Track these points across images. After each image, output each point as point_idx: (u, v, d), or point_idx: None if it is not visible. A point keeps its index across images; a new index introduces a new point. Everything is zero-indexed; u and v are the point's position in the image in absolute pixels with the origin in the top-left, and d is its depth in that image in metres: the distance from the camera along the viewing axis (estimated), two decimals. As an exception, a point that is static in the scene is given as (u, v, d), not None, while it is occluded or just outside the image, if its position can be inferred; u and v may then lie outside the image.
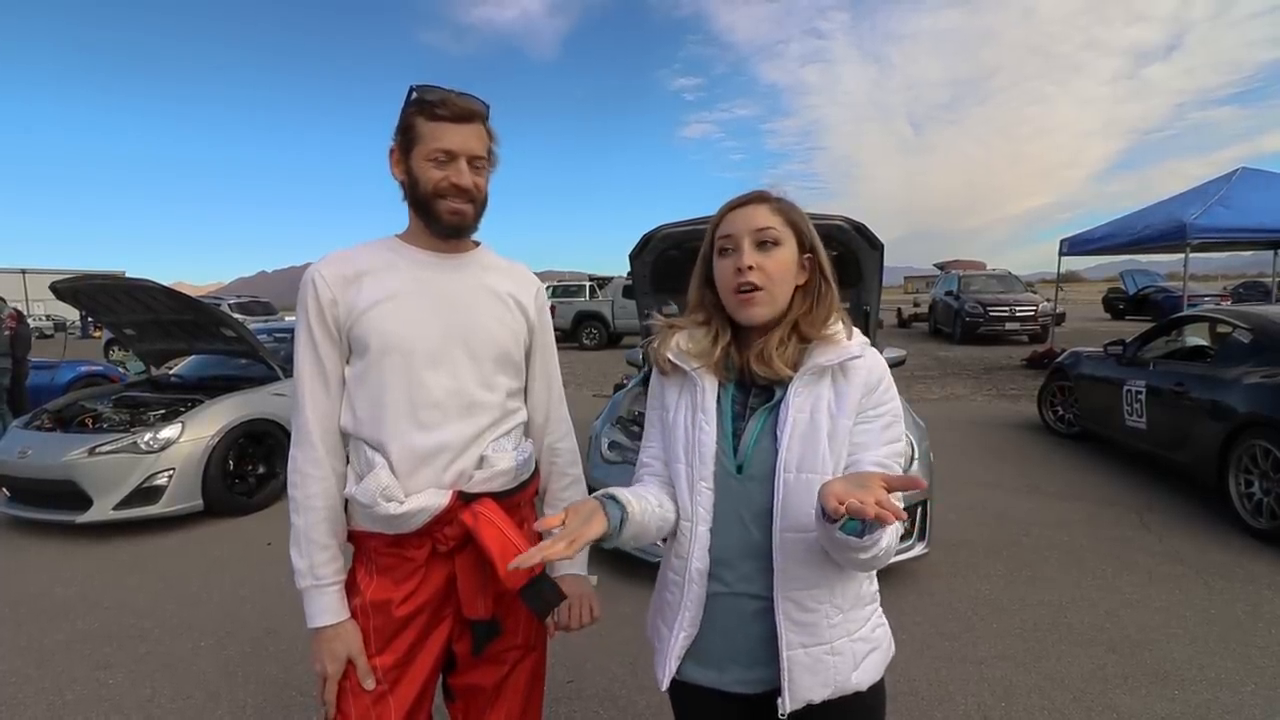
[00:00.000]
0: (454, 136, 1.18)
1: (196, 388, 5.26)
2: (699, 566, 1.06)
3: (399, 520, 1.17)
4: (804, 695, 1.02)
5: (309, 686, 2.54)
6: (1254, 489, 3.76)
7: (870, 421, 1.05)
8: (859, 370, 1.05)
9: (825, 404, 1.03)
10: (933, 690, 2.43)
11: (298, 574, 1.21)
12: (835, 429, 1.02)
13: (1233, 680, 2.44)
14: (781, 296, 1.07)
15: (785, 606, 1.02)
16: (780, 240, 1.06)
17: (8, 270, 38.34)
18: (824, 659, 1.03)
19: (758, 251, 1.05)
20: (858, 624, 1.07)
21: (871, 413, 1.05)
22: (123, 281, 4.63)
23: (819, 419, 1.02)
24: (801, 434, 1.02)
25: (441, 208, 1.20)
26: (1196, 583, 3.22)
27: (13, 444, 4.43)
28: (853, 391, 1.04)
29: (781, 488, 1.02)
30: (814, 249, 1.09)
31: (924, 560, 3.31)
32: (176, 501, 4.29)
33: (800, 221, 1.09)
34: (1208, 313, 5.46)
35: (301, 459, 1.22)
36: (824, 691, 1.03)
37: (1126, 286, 22.39)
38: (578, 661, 2.66)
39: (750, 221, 1.06)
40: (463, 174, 1.19)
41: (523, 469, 1.32)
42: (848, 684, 1.04)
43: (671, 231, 3.92)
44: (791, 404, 1.03)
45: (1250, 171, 9.03)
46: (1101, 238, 10.37)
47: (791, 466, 1.01)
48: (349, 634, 1.20)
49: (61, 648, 2.91)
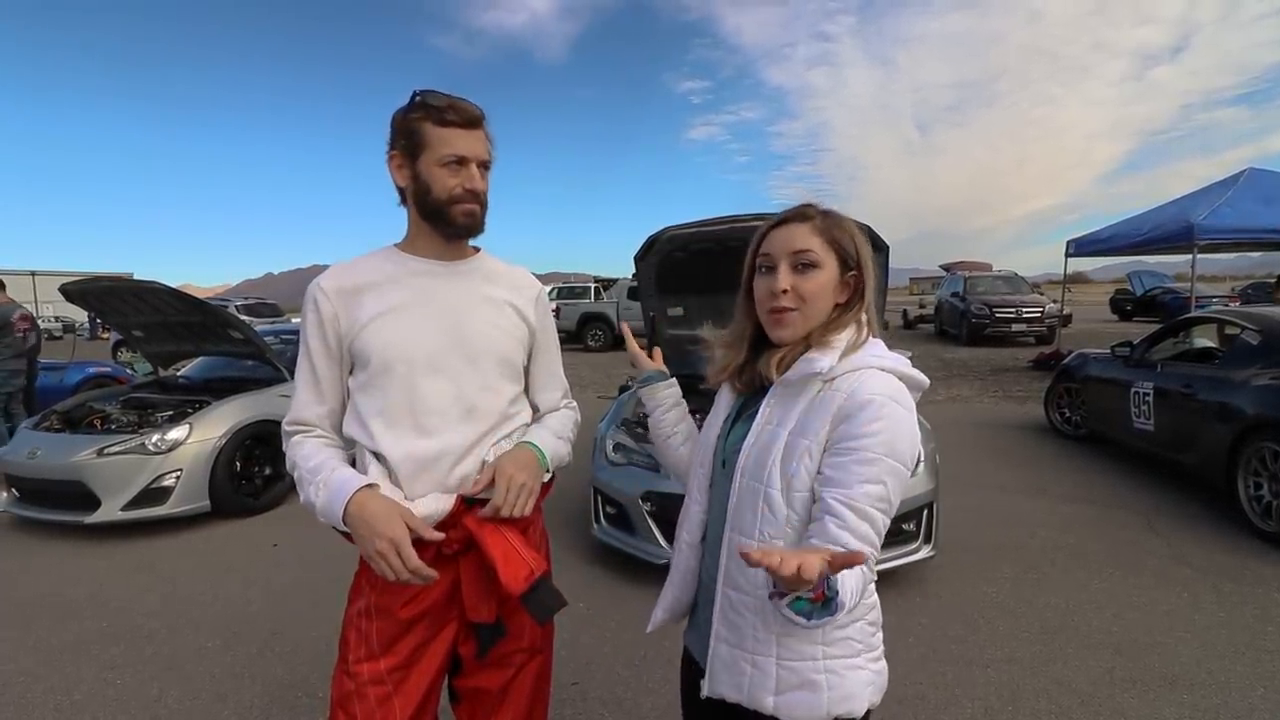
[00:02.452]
0: (465, 142, 1.20)
1: (204, 389, 5.28)
2: (687, 539, 1.17)
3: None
4: (718, 688, 1.05)
5: (315, 688, 2.55)
6: (1263, 491, 3.73)
7: (843, 455, 0.94)
8: (836, 395, 0.98)
9: (792, 421, 1.00)
10: (939, 694, 2.42)
11: (317, 495, 1.16)
12: (791, 448, 0.99)
13: (1242, 684, 2.42)
14: (815, 317, 1.05)
15: (722, 601, 1.07)
16: (819, 263, 1.03)
17: (17, 272, 38.65)
18: (741, 665, 1.03)
19: (794, 274, 1.04)
20: (792, 654, 1.00)
21: (845, 445, 0.94)
22: (131, 283, 4.65)
23: (778, 432, 1.01)
24: (759, 444, 1.03)
25: (456, 211, 1.22)
26: (1205, 586, 3.19)
27: (22, 445, 4.46)
28: (821, 415, 0.98)
29: (735, 490, 1.04)
30: (860, 266, 1.06)
31: (930, 563, 3.30)
32: (184, 502, 4.31)
33: (844, 239, 1.05)
34: (1216, 314, 5.42)
35: (292, 439, 1.28)
36: (736, 694, 1.03)
37: (1134, 287, 22.29)
38: (582, 664, 2.66)
39: (789, 243, 1.05)
40: (475, 178, 1.21)
41: None
42: (760, 702, 1.01)
43: (677, 234, 3.93)
44: (760, 413, 1.06)
45: (1258, 172, 8.96)
46: (1108, 239, 10.32)
47: (746, 472, 1.04)
48: (381, 496, 1.13)
49: (69, 648, 2.92)
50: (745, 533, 1.02)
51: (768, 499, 0.99)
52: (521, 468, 1.23)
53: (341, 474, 1.18)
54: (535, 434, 1.34)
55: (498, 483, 1.20)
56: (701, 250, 3.85)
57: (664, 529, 3.21)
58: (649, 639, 2.81)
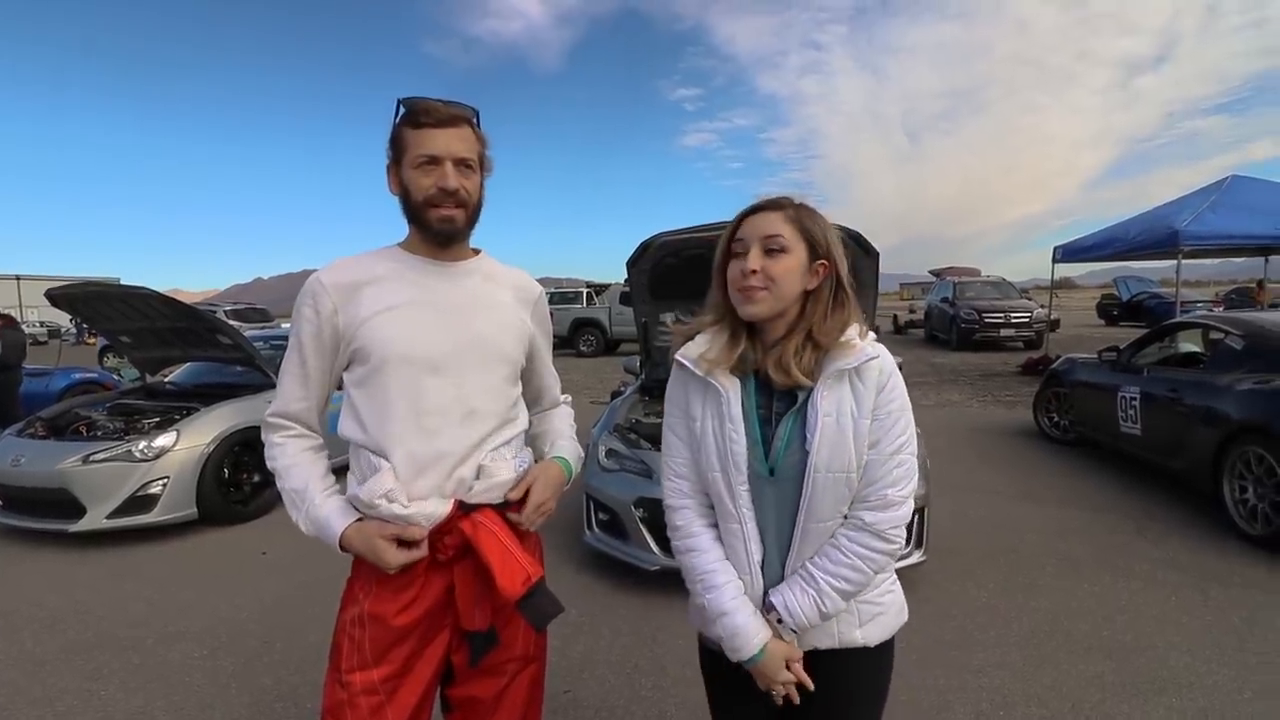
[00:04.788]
0: (437, 141, 1.18)
1: (192, 395, 5.23)
2: (757, 558, 1.15)
3: (402, 522, 1.17)
4: (813, 642, 1.16)
5: (303, 698, 2.52)
6: (1248, 495, 3.77)
7: (882, 420, 1.11)
8: (872, 371, 1.11)
9: (848, 406, 1.10)
10: (931, 699, 2.42)
11: (304, 525, 1.23)
12: (857, 429, 1.09)
13: (1230, 687, 2.44)
14: (783, 297, 1.11)
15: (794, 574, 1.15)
16: (787, 248, 1.10)
17: (2, 276, 38.20)
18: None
19: (764, 256, 1.10)
20: (865, 590, 1.16)
21: (883, 411, 1.11)
22: (118, 289, 4.61)
23: (844, 421, 1.09)
24: (830, 435, 1.08)
25: (432, 216, 1.21)
26: (1193, 589, 3.22)
27: (6, 452, 4.40)
28: (868, 393, 1.10)
29: (811, 486, 1.10)
30: (830, 257, 1.13)
31: (920, 568, 3.31)
32: (171, 510, 4.26)
33: (814, 229, 1.12)
34: (1200, 319, 5.49)
35: (274, 436, 1.28)
36: (830, 641, 1.17)
37: (1120, 293, 22.51)
38: (574, 671, 2.65)
39: (761, 228, 1.11)
40: (448, 177, 1.19)
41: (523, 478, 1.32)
42: (850, 638, 1.17)
43: (669, 240, 3.94)
44: (820, 407, 1.09)
45: (1241, 179, 9.10)
46: (1095, 245, 10.43)
47: (821, 467, 1.09)
48: (369, 525, 1.20)
49: (53, 657, 2.88)
50: (825, 518, 1.12)
51: (849, 483, 1.10)
52: (553, 493, 1.31)
53: (325, 511, 1.21)
54: (563, 447, 1.43)
55: (529, 501, 1.26)
56: (694, 256, 3.86)
57: (656, 535, 3.20)
58: (641, 647, 2.80)
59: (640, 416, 4.10)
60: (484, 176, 1.27)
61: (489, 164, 1.28)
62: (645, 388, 4.56)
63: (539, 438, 1.47)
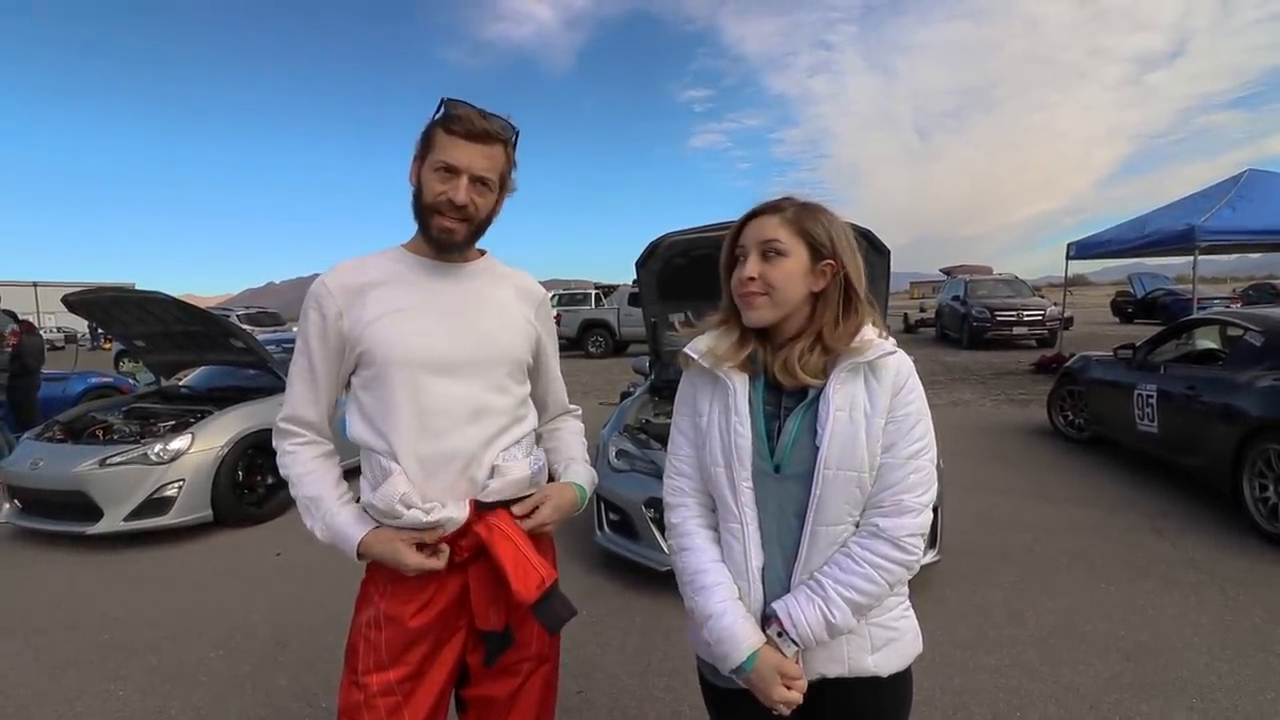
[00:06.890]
0: (462, 153, 1.18)
1: (206, 398, 5.29)
2: (757, 563, 1.09)
3: (424, 531, 1.18)
4: (817, 668, 1.08)
5: (318, 698, 2.54)
6: (1268, 493, 3.72)
7: (899, 422, 1.07)
8: (888, 370, 1.08)
9: (861, 402, 1.06)
10: (947, 699, 2.40)
11: (320, 533, 1.23)
12: (870, 427, 1.06)
13: (1252, 687, 2.41)
14: (784, 302, 1.08)
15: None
16: (785, 251, 1.08)
17: (20, 283, 38.82)
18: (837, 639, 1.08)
19: (762, 261, 1.09)
20: (876, 611, 1.09)
21: (899, 412, 1.07)
22: (133, 294, 4.67)
23: (856, 417, 1.06)
24: (841, 432, 1.05)
25: (434, 223, 1.21)
26: (1212, 589, 3.18)
27: (25, 455, 4.46)
28: (883, 392, 1.07)
29: (820, 484, 1.05)
30: (836, 257, 1.09)
31: (935, 568, 3.29)
32: (186, 512, 4.30)
33: (815, 229, 1.08)
34: (1218, 315, 5.42)
35: (286, 444, 1.27)
36: (838, 668, 1.09)
37: (1135, 290, 22.27)
38: (587, 672, 2.65)
39: (758, 233, 1.10)
40: (460, 190, 1.18)
41: (538, 477, 1.32)
42: (861, 665, 1.09)
43: (677, 240, 3.93)
44: (832, 402, 1.06)
45: (1258, 173, 8.97)
46: (1109, 241, 10.32)
47: (831, 464, 1.05)
48: (386, 534, 1.20)
49: (72, 659, 2.91)
50: (834, 521, 1.07)
51: (860, 484, 1.06)
52: (560, 518, 1.30)
53: (341, 519, 1.22)
54: (577, 472, 1.41)
55: (536, 516, 1.26)
56: (702, 256, 3.85)
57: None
58: (653, 647, 2.80)
59: (650, 417, 4.09)
60: (502, 196, 1.27)
61: (511, 184, 1.28)
62: (655, 388, 4.56)
63: (550, 454, 1.45)
